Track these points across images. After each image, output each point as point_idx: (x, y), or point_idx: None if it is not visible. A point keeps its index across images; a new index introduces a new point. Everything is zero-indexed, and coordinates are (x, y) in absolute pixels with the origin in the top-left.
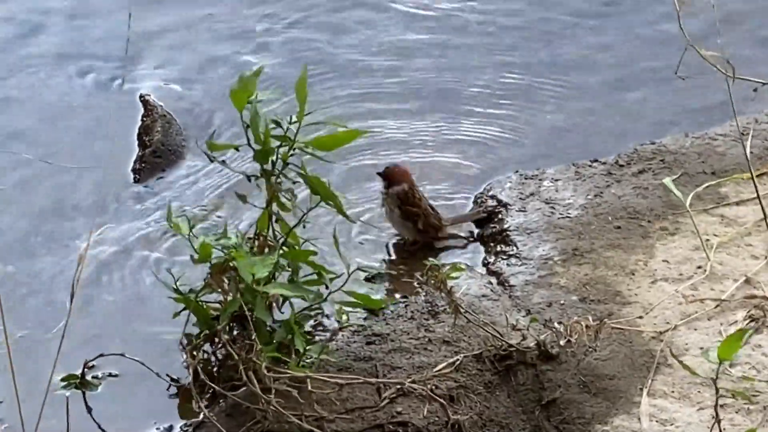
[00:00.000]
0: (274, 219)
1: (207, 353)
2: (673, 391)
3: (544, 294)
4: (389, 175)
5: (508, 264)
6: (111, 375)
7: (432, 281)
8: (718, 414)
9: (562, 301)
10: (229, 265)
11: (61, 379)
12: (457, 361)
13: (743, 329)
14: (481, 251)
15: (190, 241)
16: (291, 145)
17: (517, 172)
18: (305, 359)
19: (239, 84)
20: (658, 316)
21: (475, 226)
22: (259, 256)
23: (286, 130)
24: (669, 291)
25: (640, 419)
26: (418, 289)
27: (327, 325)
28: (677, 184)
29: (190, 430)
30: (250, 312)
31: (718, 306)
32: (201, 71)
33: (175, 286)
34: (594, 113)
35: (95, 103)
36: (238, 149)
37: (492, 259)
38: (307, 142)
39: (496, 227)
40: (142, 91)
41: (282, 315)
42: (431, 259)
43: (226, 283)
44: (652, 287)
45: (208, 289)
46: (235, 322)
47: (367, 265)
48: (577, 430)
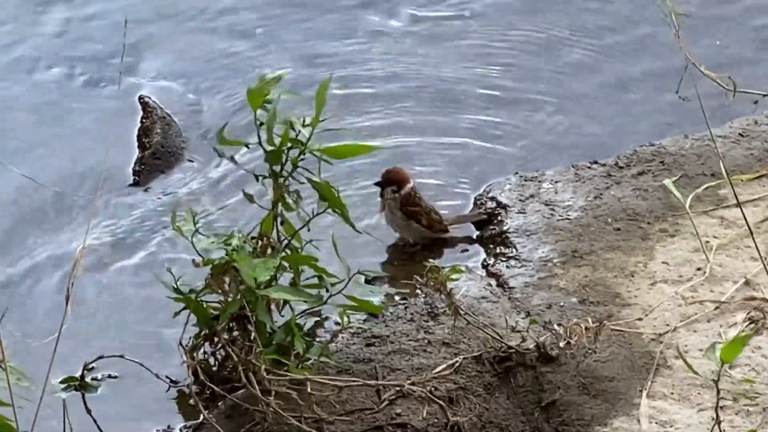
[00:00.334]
0: (279, 221)
1: (207, 354)
2: (672, 393)
3: (543, 296)
4: (392, 180)
5: (507, 266)
6: (111, 376)
7: (432, 283)
8: (718, 415)
9: (562, 303)
10: (231, 267)
11: (60, 381)
12: (457, 363)
13: (748, 334)
14: (481, 253)
15: (193, 244)
16: (303, 149)
17: (516, 173)
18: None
19: (258, 84)
20: (658, 317)
21: (474, 228)
22: (262, 259)
23: (298, 133)
24: (669, 293)
25: (639, 421)
26: (418, 290)
27: (326, 327)
28: (677, 185)
29: (190, 431)
30: (251, 313)
31: (717, 308)
32: (201, 73)
33: (175, 286)
34: (593, 115)
35: (94, 104)
36: (249, 147)
37: (492, 261)
38: (320, 149)
39: (495, 229)
40: (142, 93)
41: (282, 317)
42: (431, 260)
43: (227, 284)
44: (652, 289)
45: (208, 290)
46: (234, 323)
47: (366, 268)
48: (576, 431)
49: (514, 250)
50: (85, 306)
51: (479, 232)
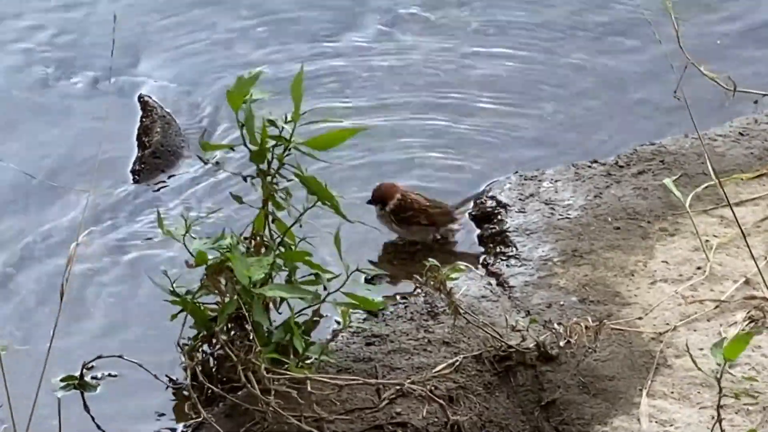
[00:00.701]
0: (270, 219)
1: (205, 354)
2: (672, 392)
3: (543, 295)
4: (381, 197)
5: (507, 265)
6: (110, 375)
7: (431, 282)
8: (720, 414)
9: (562, 302)
10: (225, 266)
11: (60, 380)
12: (457, 362)
13: (750, 332)
14: (481, 252)
15: (186, 245)
16: (287, 145)
17: (516, 172)
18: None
19: (236, 85)
20: (658, 317)
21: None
22: (256, 257)
23: (281, 129)
24: (668, 292)
25: (639, 420)
26: (418, 289)
27: (326, 326)
28: (677, 184)
29: (189, 431)
30: (248, 313)
31: (717, 307)
32: (200, 72)
33: (171, 288)
34: (593, 114)
35: (94, 103)
36: (234, 149)
37: (491, 260)
38: (300, 142)
39: (495, 228)
40: (142, 92)
41: (280, 315)
42: (431, 259)
43: (223, 284)
44: (652, 288)
45: (204, 291)
46: (233, 322)
47: (366, 267)
48: (576, 430)
49: (514, 249)
50: (84, 305)
51: (480, 231)
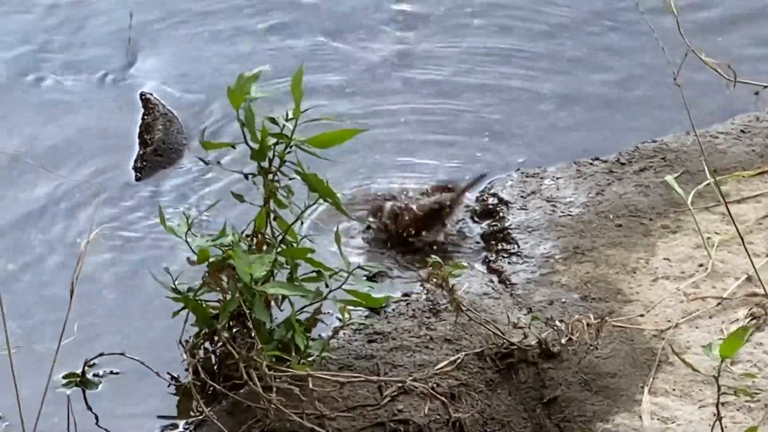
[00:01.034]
0: (272, 217)
1: (207, 351)
2: (674, 389)
3: (545, 292)
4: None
5: (509, 262)
6: (112, 373)
7: (433, 279)
8: (719, 411)
9: (564, 300)
10: (227, 264)
11: (62, 377)
12: (459, 360)
13: (745, 327)
14: (483, 249)
15: (188, 242)
16: (288, 143)
17: (518, 170)
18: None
19: (237, 83)
20: (660, 314)
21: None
22: (257, 255)
23: (282, 127)
24: (670, 289)
25: (641, 417)
26: (420, 287)
27: (328, 323)
28: (678, 181)
29: (191, 429)
30: (249, 310)
31: (719, 304)
32: (202, 69)
33: (173, 285)
34: (595, 111)
35: (95, 101)
36: (235, 147)
37: (493, 258)
38: (303, 140)
39: (497, 225)
40: (143, 90)
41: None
42: (433, 256)
43: (225, 282)
44: (654, 285)
45: (206, 288)
46: (234, 320)
47: (367, 264)
48: (578, 428)
49: (516, 246)
50: (86, 303)
51: (481, 228)
